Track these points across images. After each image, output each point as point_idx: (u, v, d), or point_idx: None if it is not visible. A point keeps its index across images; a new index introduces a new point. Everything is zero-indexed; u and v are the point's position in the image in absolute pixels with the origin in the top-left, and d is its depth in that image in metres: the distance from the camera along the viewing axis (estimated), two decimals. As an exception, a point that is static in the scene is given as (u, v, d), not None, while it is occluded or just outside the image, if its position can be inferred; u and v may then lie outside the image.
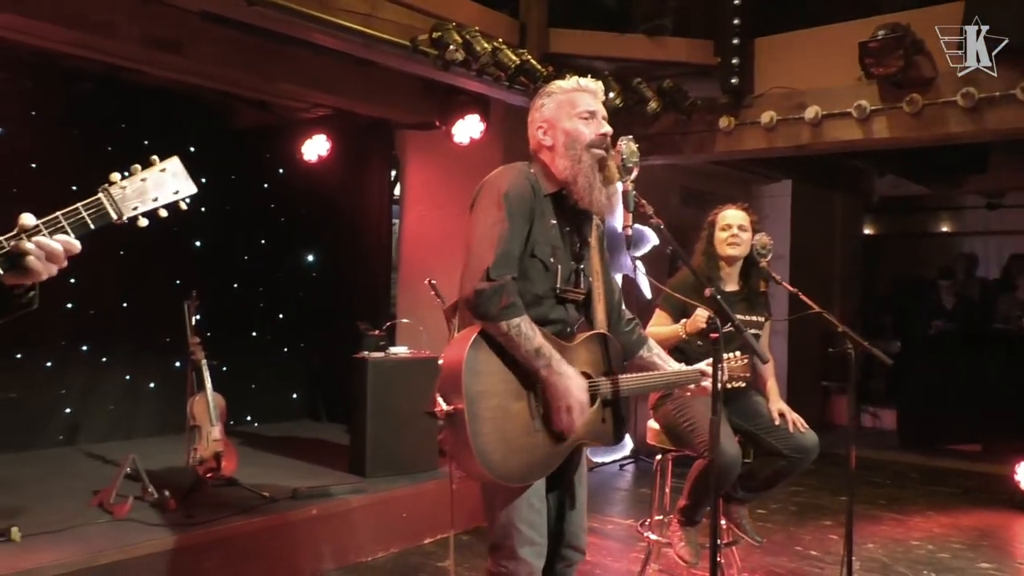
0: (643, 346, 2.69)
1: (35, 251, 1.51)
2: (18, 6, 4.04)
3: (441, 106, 5.99)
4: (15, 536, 3.64)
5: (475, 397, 2.19)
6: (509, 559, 2.33)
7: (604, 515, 5.58)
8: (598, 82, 2.53)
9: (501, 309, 2.20)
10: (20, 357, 5.62)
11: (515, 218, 2.30)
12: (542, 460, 2.32)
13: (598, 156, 2.42)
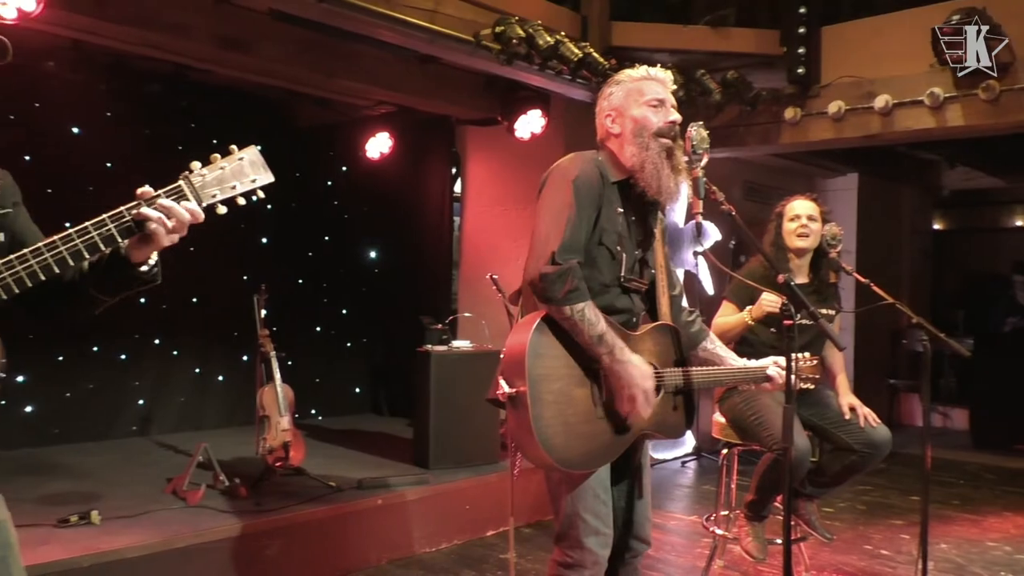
0: (705, 339, 2.66)
1: (157, 217, 1.58)
2: (98, 10, 4.17)
3: (503, 101, 6.01)
4: (95, 520, 3.76)
5: (538, 380, 2.19)
6: (574, 548, 2.33)
7: (667, 511, 5.53)
8: (667, 72, 2.52)
9: (566, 293, 2.20)
10: (97, 350, 5.82)
11: (583, 204, 2.30)
12: (604, 448, 2.31)
13: (666, 145, 2.41)
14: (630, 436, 2.36)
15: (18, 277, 1.55)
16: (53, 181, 5.23)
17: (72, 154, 5.57)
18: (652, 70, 2.49)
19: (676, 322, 2.58)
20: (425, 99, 5.90)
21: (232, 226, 6.10)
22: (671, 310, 2.57)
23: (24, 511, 3.85)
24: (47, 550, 3.37)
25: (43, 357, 5.44)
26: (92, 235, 1.59)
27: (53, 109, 5.51)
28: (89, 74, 5.56)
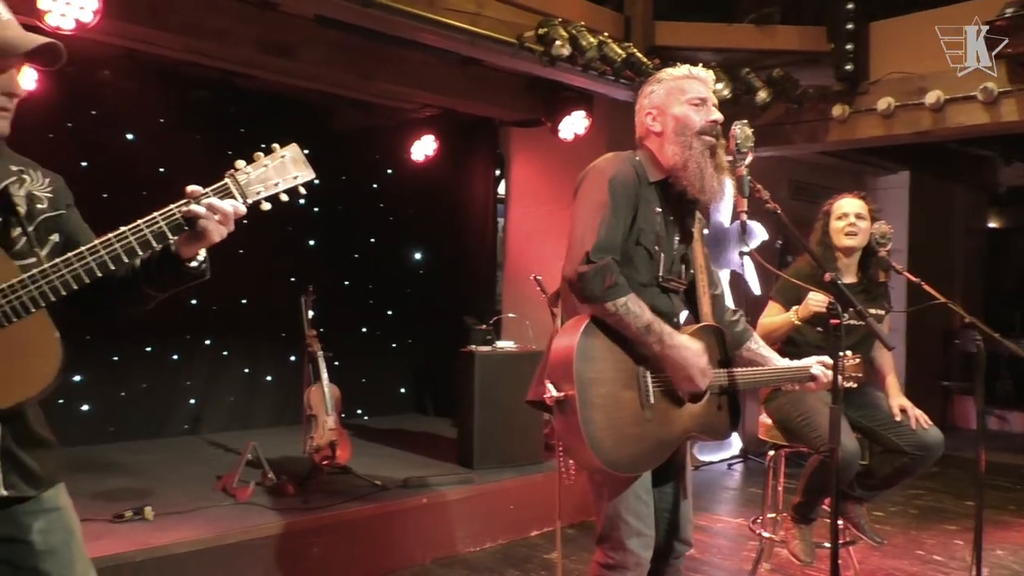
0: (749, 339, 2.64)
1: (206, 213, 1.65)
2: (151, 20, 4.28)
3: (546, 102, 6.02)
4: (149, 515, 3.86)
5: (586, 384, 2.18)
6: (616, 550, 2.33)
7: (713, 513, 5.49)
8: (708, 71, 2.50)
9: (606, 289, 2.20)
10: (150, 350, 5.96)
11: (619, 204, 2.30)
12: (651, 451, 2.31)
13: (709, 143, 2.40)
14: (677, 438, 2.37)
15: (76, 274, 1.60)
16: (109, 186, 5.38)
17: (126, 160, 5.72)
18: (694, 69, 2.48)
19: (719, 322, 2.57)
20: (468, 101, 5.93)
21: (280, 228, 6.33)
22: (713, 310, 2.56)
23: (81, 506, 3.89)
24: (102, 544, 3.46)
25: (99, 357, 5.59)
26: (144, 232, 1.64)
27: (108, 116, 5.67)
28: (142, 82, 5.70)
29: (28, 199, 1.73)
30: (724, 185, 2.43)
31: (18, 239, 1.68)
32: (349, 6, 4.17)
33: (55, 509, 1.76)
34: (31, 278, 1.57)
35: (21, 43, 1.62)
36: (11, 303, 1.56)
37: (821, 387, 2.58)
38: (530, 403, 2.40)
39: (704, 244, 2.59)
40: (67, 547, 1.76)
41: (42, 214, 1.75)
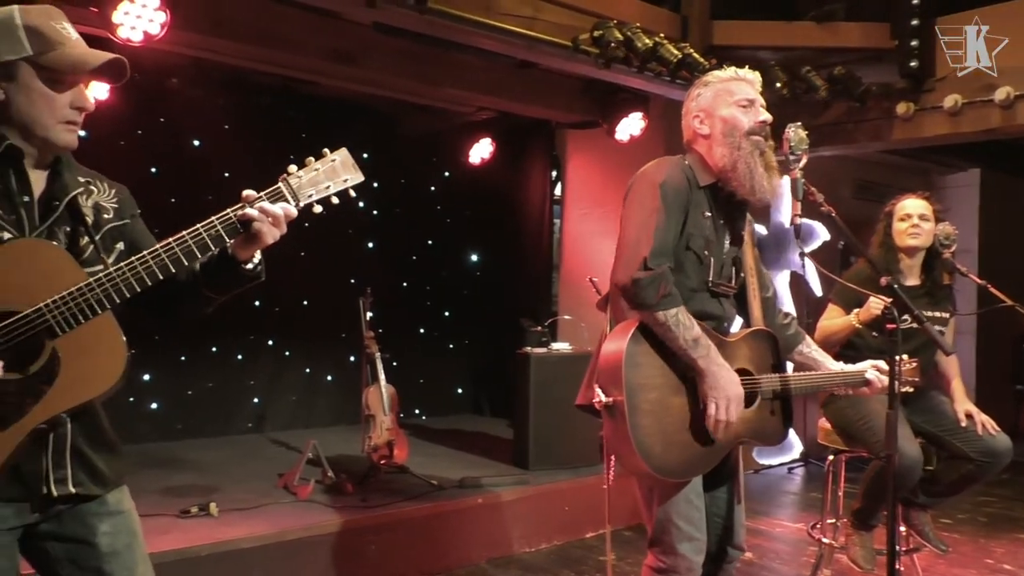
0: (800, 343, 2.62)
1: (259, 216, 1.71)
2: (216, 29, 4.41)
3: (602, 104, 6.01)
4: (213, 511, 3.98)
5: (635, 389, 2.19)
6: (668, 554, 2.32)
7: (772, 518, 5.41)
8: (756, 72, 2.47)
9: (660, 298, 2.19)
10: (215, 350, 6.14)
11: (671, 209, 2.29)
12: (701, 456, 2.30)
13: (758, 143, 2.38)
14: (727, 444, 2.35)
15: (138, 276, 1.67)
16: (176, 191, 5.56)
17: (192, 165, 5.90)
18: (740, 71, 2.47)
19: (770, 325, 2.54)
20: (525, 104, 5.96)
21: (340, 231, 6.45)
22: (765, 313, 2.54)
23: (150, 502, 4.12)
24: (169, 539, 3.59)
25: (167, 357, 5.79)
26: (202, 235, 1.71)
27: (175, 124, 5.86)
28: (208, 90, 5.89)
29: (95, 209, 1.81)
30: (776, 184, 2.40)
31: (86, 247, 1.76)
32: (406, 13, 4.23)
33: (120, 512, 1.82)
34: (97, 281, 1.64)
35: (90, 60, 1.69)
36: (79, 305, 1.63)
37: (875, 392, 2.54)
38: (579, 407, 2.41)
39: (754, 246, 2.57)
40: (130, 550, 1.82)
41: (108, 223, 1.83)
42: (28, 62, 1.65)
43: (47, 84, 1.67)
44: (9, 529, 1.69)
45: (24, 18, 1.66)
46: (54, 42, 1.66)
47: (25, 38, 1.64)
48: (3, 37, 1.64)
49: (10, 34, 1.64)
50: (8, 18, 1.65)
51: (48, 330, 1.62)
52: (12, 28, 1.64)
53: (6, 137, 1.67)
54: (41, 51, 1.65)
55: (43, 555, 1.77)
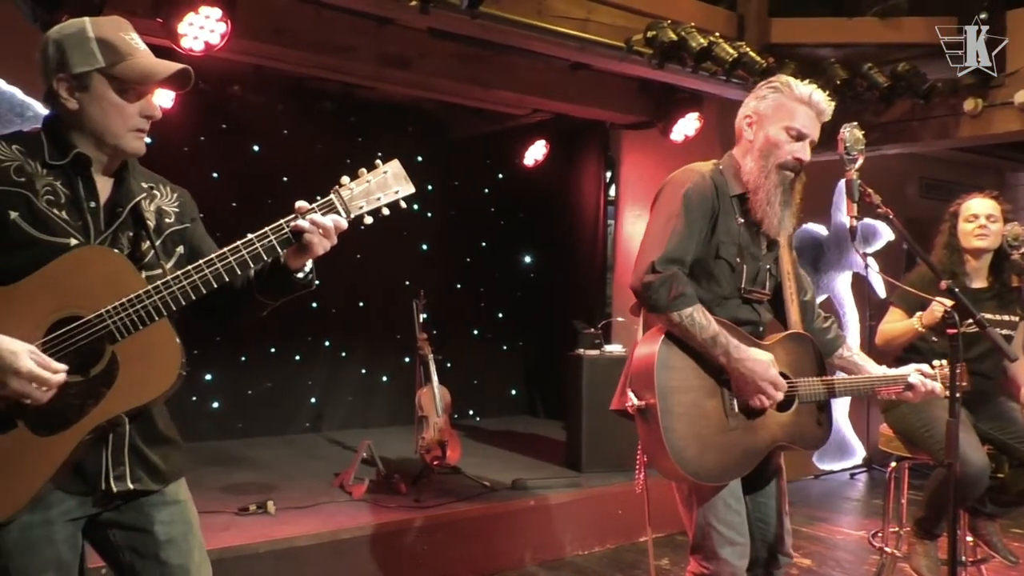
0: (840, 346, 2.58)
1: (310, 228, 1.76)
2: (277, 37, 4.50)
3: (657, 105, 5.95)
4: (271, 509, 4.07)
5: (668, 392, 2.19)
6: (710, 560, 2.30)
7: (833, 524, 5.29)
8: (832, 103, 2.40)
9: (672, 299, 2.19)
10: (274, 351, 6.27)
11: (692, 217, 2.28)
12: (738, 460, 2.28)
13: (786, 178, 2.36)
14: (765, 447, 2.32)
15: (194, 285, 1.73)
16: (237, 195, 5.70)
17: (253, 170, 6.04)
18: (817, 95, 2.37)
19: (809, 329, 2.52)
20: (579, 105, 5.94)
21: (396, 234, 6.52)
22: (803, 316, 2.51)
23: (210, 499, 4.22)
24: (228, 535, 3.68)
25: (228, 358, 5.93)
26: (256, 246, 1.76)
27: (237, 129, 6.00)
28: (268, 96, 6.01)
29: (157, 214, 1.88)
30: (789, 222, 2.38)
31: (147, 252, 1.82)
32: (459, 17, 4.25)
33: (176, 502, 1.89)
34: (155, 289, 1.70)
35: (159, 70, 1.75)
36: (137, 312, 1.69)
37: (919, 396, 2.48)
38: (615, 412, 2.40)
39: (792, 249, 2.55)
40: (186, 538, 1.88)
41: (169, 228, 1.90)
42: (100, 73, 1.71)
43: (118, 94, 1.73)
44: (72, 520, 1.76)
45: (96, 30, 1.72)
46: (124, 53, 1.72)
47: (97, 50, 1.71)
48: (76, 49, 1.71)
49: (83, 46, 1.71)
50: (81, 30, 1.72)
51: (109, 335, 1.68)
52: (85, 40, 1.71)
53: (75, 145, 1.74)
54: (112, 62, 1.71)
55: (105, 542, 1.84)
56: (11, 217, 1.65)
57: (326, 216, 1.78)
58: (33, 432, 1.66)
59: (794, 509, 5.47)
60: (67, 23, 1.75)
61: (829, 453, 6.78)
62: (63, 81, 1.71)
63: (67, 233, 1.70)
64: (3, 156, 1.68)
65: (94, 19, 1.75)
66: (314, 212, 1.78)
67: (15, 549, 1.67)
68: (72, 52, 1.71)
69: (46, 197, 1.70)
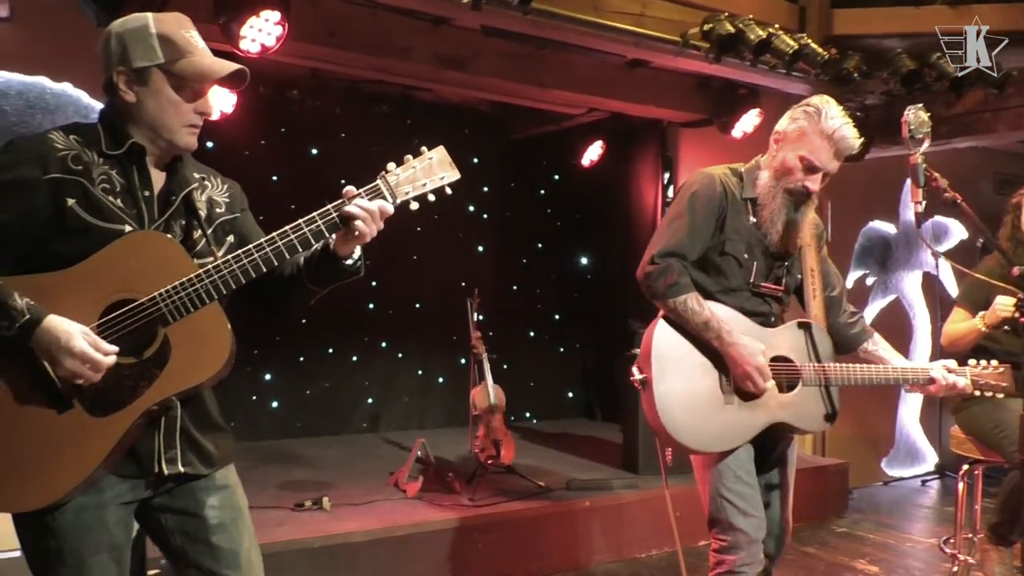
0: (867, 340, 2.66)
1: (357, 212, 1.78)
2: (332, 40, 4.56)
3: (716, 101, 5.85)
4: (326, 506, 4.10)
5: (663, 365, 2.42)
6: (727, 531, 2.43)
7: (902, 532, 5.11)
8: (859, 139, 2.46)
9: (668, 287, 2.40)
10: (331, 352, 6.33)
11: (697, 217, 2.45)
12: (731, 432, 2.43)
13: (790, 201, 2.47)
14: (761, 424, 2.45)
15: (244, 268, 1.75)
16: (296, 198, 5.75)
17: (311, 173, 6.11)
18: (843, 131, 2.40)
19: (834, 323, 2.63)
20: (636, 104, 5.87)
21: (452, 235, 6.54)
22: (828, 311, 2.61)
23: (268, 495, 4.28)
24: (284, 531, 3.72)
25: (287, 357, 6.02)
26: (304, 230, 1.79)
27: (296, 133, 6.09)
28: (326, 100, 6.09)
29: (208, 204, 1.91)
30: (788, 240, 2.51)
31: (199, 240, 1.85)
32: (512, 14, 4.24)
33: (225, 487, 1.90)
34: (206, 272, 1.73)
35: (217, 69, 1.78)
36: (189, 295, 1.72)
37: (940, 391, 2.51)
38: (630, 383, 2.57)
39: (821, 247, 2.65)
40: (235, 524, 1.89)
41: (220, 217, 1.93)
42: (159, 69, 1.74)
43: (175, 90, 1.76)
44: (125, 503, 1.79)
45: (158, 26, 1.75)
46: (184, 51, 1.75)
47: (158, 46, 1.74)
48: (138, 43, 1.74)
49: (144, 41, 1.74)
50: (144, 26, 1.75)
51: (161, 318, 1.71)
52: (147, 36, 1.74)
53: (131, 135, 1.77)
54: (172, 59, 1.74)
55: (157, 526, 1.87)
56: (68, 204, 1.69)
57: (372, 201, 1.80)
58: (88, 413, 1.69)
59: (862, 516, 5.37)
60: (130, 17, 1.78)
61: (899, 459, 6.56)
62: (122, 74, 1.75)
63: (122, 220, 1.74)
64: (61, 146, 1.72)
65: (157, 15, 1.78)
66: (361, 197, 1.80)
67: (69, 531, 1.70)
68: (133, 46, 1.74)
69: (102, 185, 1.73)
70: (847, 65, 4.98)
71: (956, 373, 2.49)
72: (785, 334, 2.50)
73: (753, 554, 2.40)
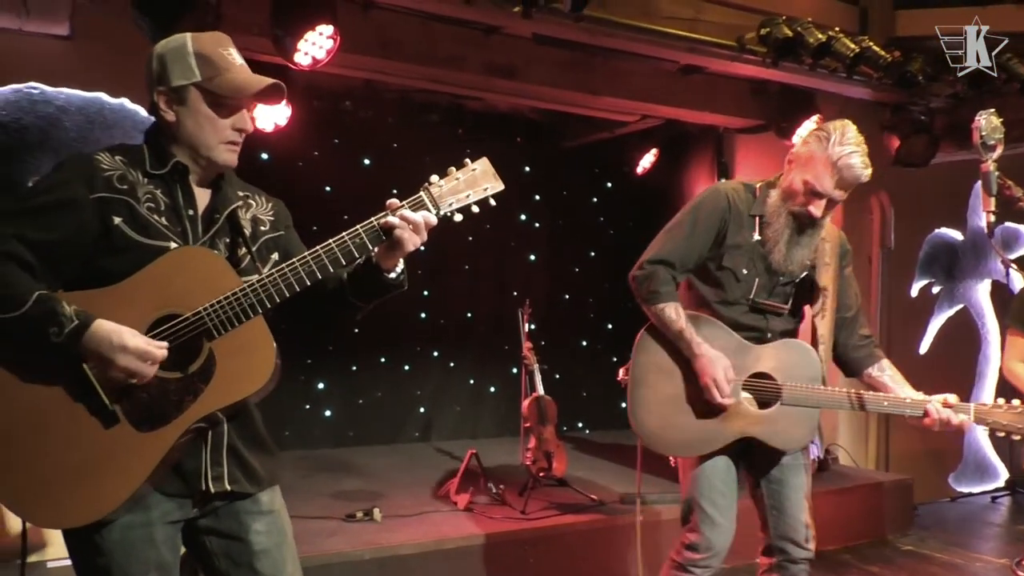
0: (872, 365, 2.65)
1: (400, 223, 1.77)
2: (384, 50, 4.58)
3: (774, 107, 5.71)
4: (377, 517, 4.09)
5: (640, 371, 2.56)
6: (693, 531, 2.58)
7: (971, 551, 4.91)
8: (867, 170, 2.42)
9: (649, 293, 2.52)
10: (384, 361, 6.35)
11: (695, 228, 2.53)
12: (699, 439, 2.52)
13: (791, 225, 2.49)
14: (731, 435, 2.50)
15: (288, 282, 1.75)
16: (348, 208, 5.77)
17: (364, 184, 6.14)
18: (847, 160, 2.38)
19: (843, 344, 2.64)
20: (690, 110, 5.77)
21: (503, 244, 6.51)
22: (838, 332, 2.61)
23: (320, 504, 4.29)
24: (335, 541, 3.72)
25: (339, 367, 6.06)
26: (347, 242, 1.78)
27: (348, 144, 6.14)
28: (378, 110, 6.12)
29: (253, 222, 1.92)
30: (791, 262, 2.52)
31: (243, 257, 1.86)
32: (563, 22, 4.20)
33: (271, 512, 1.90)
34: (251, 287, 1.73)
35: (252, 85, 1.79)
36: (234, 309, 1.72)
37: (930, 425, 2.45)
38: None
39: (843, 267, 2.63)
40: (279, 548, 1.89)
41: (264, 235, 1.93)
42: (196, 87, 1.76)
43: (212, 107, 1.77)
44: (172, 522, 1.79)
45: (195, 45, 1.77)
46: (220, 68, 1.76)
47: (195, 64, 1.75)
48: (176, 63, 1.76)
49: (182, 60, 1.75)
50: (182, 45, 1.77)
51: (206, 332, 1.72)
52: (185, 54, 1.76)
53: (174, 155, 1.79)
54: (208, 76, 1.75)
55: (201, 548, 1.87)
56: (115, 222, 1.71)
57: (416, 212, 1.78)
58: (135, 427, 1.70)
59: (927, 533, 5.18)
60: (171, 38, 1.80)
61: (967, 474, 6.32)
62: (163, 94, 1.77)
63: (167, 238, 1.75)
64: (107, 166, 1.74)
65: (195, 34, 1.80)
66: (404, 208, 1.79)
67: (116, 549, 1.71)
68: (172, 66, 1.76)
69: (147, 204, 1.75)
70: (911, 68, 4.84)
71: (957, 409, 2.43)
72: (773, 352, 2.53)
73: (711, 560, 2.54)
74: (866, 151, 2.42)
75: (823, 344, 2.54)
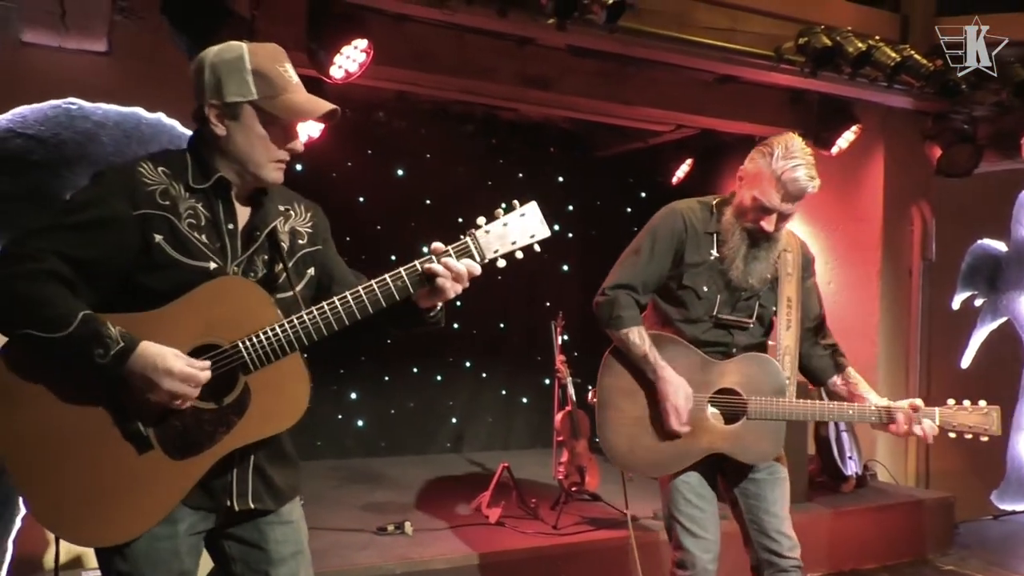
0: (836, 374, 2.68)
1: (443, 272, 1.75)
2: (418, 62, 4.58)
3: (812, 116, 5.62)
4: (408, 530, 4.07)
5: (606, 393, 2.59)
6: (678, 549, 2.57)
7: (1015, 572, 4.78)
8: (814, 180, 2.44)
9: (612, 319, 2.56)
10: (416, 371, 6.36)
11: (654, 251, 2.56)
12: (669, 458, 2.54)
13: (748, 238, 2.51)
14: (699, 451, 2.53)
15: (327, 321, 1.75)
16: (381, 219, 5.83)
17: (397, 194, 6.17)
18: (792, 174, 2.39)
19: (806, 354, 2.66)
20: (725, 120, 5.71)
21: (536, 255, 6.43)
22: (801, 343, 2.63)
23: (352, 516, 4.29)
24: (366, 555, 3.71)
25: (372, 377, 6.07)
26: (388, 284, 1.77)
27: (382, 154, 6.16)
28: (411, 121, 6.14)
29: (291, 235, 1.90)
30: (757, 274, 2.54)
31: (280, 274, 1.84)
32: (598, 33, 4.17)
33: (290, 522, 1.91)
34: (290, 323, 1.72)
35: (311, 109, 1.76)
36: (271, 345, 1.72)
37: (897, 432, 2.48)
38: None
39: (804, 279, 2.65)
40: (295, 558, 1.90)
41: (301, 249, 1.91)
42: (252, 105, 1.73)
43: (265, 126, 1.75)
44: (196, 533, 1.81)
45: (253, 60, 1.73)
46: (278, 87, 1.73)
47: (252, 81, 1.72)
48: (232, 77, 1.72)
49: (239, 75, 1.71)
50: (239, 57, 1.73)
51: (243, 365, 1.71)
52: (241, 69, 1.72)
53: (218, 169, 1.77)
54: (266, 96, 1.72)
55: (220, 552, 1.90)
56: (156, 240, 1.70)
57: (460, 260, 1.77)
58: (167, 454, 1.70)
59: (969, 552, 5.05)
60: (225, 46, 1.75)
61: (1010, 491, 6.15)
62: (214, 108, 1.73)
63: (206, 257, 1.74)
64: (150, 180, 1.72)
65: (252, 46, 1.75)
66: (449, 255, 1.77)
67: (142, 559, 1.73)
68: (227, 80, 1.71)
69: (188, 220, 1.73)
70: (954, 76, 4.73)
71: (923, 413, 2.44)
72: (736, 367, 2.55)
73: (701, 573, 2.53)
74: (812, 163, 2.44)
75: (789, 355, 2.57)
